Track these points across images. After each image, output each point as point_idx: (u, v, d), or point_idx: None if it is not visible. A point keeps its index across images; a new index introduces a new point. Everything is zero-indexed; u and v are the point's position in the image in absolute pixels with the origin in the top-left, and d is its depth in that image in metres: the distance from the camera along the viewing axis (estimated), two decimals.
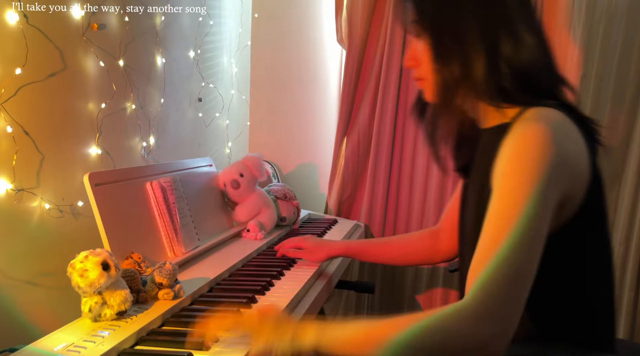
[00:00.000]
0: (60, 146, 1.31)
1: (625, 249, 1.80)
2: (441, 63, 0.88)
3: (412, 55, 0.95)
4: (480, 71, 0.85)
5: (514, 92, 0.86)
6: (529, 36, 0.86)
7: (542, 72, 0.88)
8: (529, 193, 0.77)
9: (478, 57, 0.85)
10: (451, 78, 0.87)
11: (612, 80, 1.78)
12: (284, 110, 2.38)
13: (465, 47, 0.86)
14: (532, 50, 0.86)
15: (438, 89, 0.90)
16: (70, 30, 1.32)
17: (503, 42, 0.86)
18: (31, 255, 1.23)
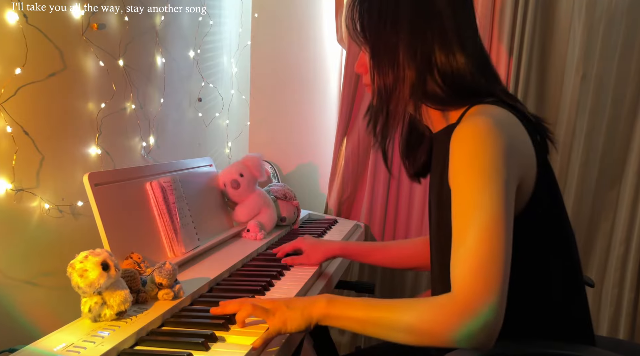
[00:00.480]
0: (60, 146, 1.31)
1: (626, 249, 1.80)
2: (376, 72, 0.95)
3: (361, 62, 1.03)
4: (410, 82, 0.92)
5: (449, 99, 0.93)
6: (460, 53, 0.92)
7: (476, 82, 0.93)
8: (489, 186, 0.79)
9: (409, 69, 0.92)
10: (384, 86, 0.94)
11: (612, 80, 1.78)
12: (284, 110, 2.38)
13: (398, 58, 0.93)
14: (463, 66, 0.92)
15: (374, 95, 0.97)
16: (70, 30, 1.32)
17: (436, 56, 0.92)
18: (31, 255, 1.23)
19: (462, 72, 0.92)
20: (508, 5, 1.80)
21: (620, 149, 1.82)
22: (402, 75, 0.92)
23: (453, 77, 0.92)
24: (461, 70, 0.92)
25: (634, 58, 1.76)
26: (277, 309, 0.91)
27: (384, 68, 0.94)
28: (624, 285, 1.80)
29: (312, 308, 0.89)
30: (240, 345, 0.88)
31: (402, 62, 0.92)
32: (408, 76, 0.92)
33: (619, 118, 1.81)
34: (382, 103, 0.95)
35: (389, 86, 0.94)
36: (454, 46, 0.92)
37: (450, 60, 0.92)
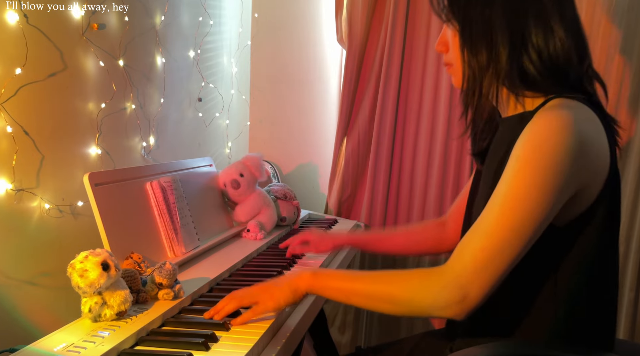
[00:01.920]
0: (60, 146, 1.31)
1: (626, 249, 1.80)
2: (468, 50, 0.89)
3: (442, 40, 0.97)
4: (504, 59, 0.86)
5: (541, 81, 0.87)
6: (560, 29, 0.86)
7: (571, 65, 0.87)
8: (538, 180, 0.77)
9: (504, 46, 0.86)
10: (477, 66, 0.89)
11: (612, 80, 1.78)
12: (284, 110, 2.38)
13: (492, 35, 0.87)
14: (563, 43, 0.86)
15: (465, 76, 0.91)
16: (70, 30, 1.32)
17: (532, 32, 0.86)
18: (31, 255, 1.23)
19: (559, 50, 0.86)
20: None
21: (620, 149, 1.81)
22: (497, 53, 0.86)
23: (550, 54, 0.86)
24: (559, 48, 0.86)
25: (634, 58, 1.75)
26: (265, 289, 0.97)
27: (477, 45, 0.88)
28: (624, 285, 1.80)
29: (299, 280, 0.94)
30: (241, 345, 0.88)
31: (496, 39, 0.86)
32: (502, 54, 0.86)
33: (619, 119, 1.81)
34: (475, 82, 0.89)
35: (483, 64, 0.87)
36: (553, 19, 0.86)
37: (547, 35, 0.86)
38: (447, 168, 1.99)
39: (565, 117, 0.79)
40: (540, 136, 0.79)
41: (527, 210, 0.77)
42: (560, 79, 0.87)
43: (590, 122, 0.83)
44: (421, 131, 2.03)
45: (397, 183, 2.07)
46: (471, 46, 0.89)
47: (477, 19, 0.88)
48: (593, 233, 0.86)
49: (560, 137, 0.77)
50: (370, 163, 2.07)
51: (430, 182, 2.02)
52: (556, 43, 0.86)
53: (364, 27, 2.03)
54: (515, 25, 0.86)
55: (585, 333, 0.89)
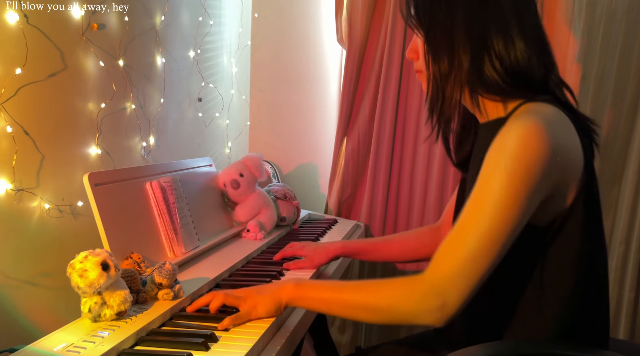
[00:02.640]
0: (60, 146, 1.31)
1: (625, 249, 1.80)
2: (431, 57, 0.92)
3: (412, 48, 1.00)
4: (466, 66, 0.89)
5: (505, 87, 0.90)
6: (520, 40, 0.89)
7: (533, 71, 0.90)
8: (510, 186, 0.79)
9: (465, 53, 0.89)
10: (439, 72, 0.92)
11: (612, 80, 1.78)
12: (284, 110, 2.38)
13: (454, 43, 0.90)
14: (522, 53, 0.89)
15: (429, 82, 0.94)
16: (70, 30, 1.32)
17: (493, 40, 0.89)
18: (31, 255, 1.23)
19: (519, 58, 0.89)
20: None
21: (620, 149, 1.81)
22: (458, 59, 0.90)
23: (511, 62, 0.89)
24: (519, 56, 0.89)
25: (634, 58, 1.75)
26: (249, 296, 0.97)
27: (439, 52, 0.91)
28: (624, 285, 1.80)
29: (281, 291, 0.96)
30: (241, 345, 0.88)
31: (457, 46, 0.89)
32: (464, 60, 0.89)
33: (619, 119, 1.81)
34: (437, 89, 0.93)
35: (445, 71, 0.91)
36: (512, 29, 0.89)
37: (507, 44, 0.88)
38: (447, 168, 1.99)
39: (535, 123, 0.80)
40: (509, 142, 0.81)
41: (499, 216, 0.79)
42: (524, 85, 0.90)
43: (562, 125, 0.85)
44: (421, 131, 2.03)
45: (397, 183, 2.07)
46: (434, 53, 0.92)
47: (440, 27, 0.91)
48: (575, 232, 0.87)
49: (530, 143, 0.79)
50: (370, 163, 2.07)
51: (430, 182, 2.02)
52: (516, 53, 0.89)
53: (364, 27, 2.03)
54: (476, 33, 0.89)
55: (577, 333, 0.89)
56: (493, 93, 0.91)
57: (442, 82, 0.92)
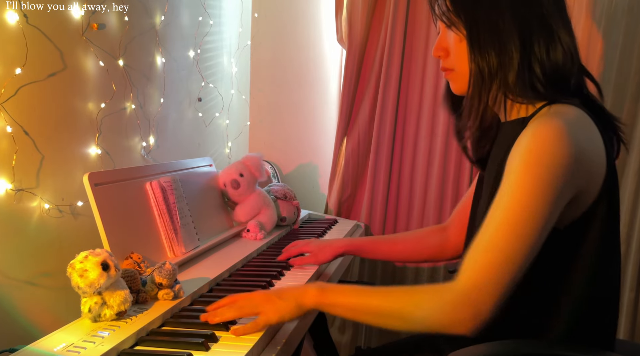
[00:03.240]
0: (60, 146, 1.31)
1: (626, 249, 1.80)
2: (478, 54, 0.88)
3: (441, 45, 0.96)
4: (515, 65, 0.86)
5: (544, 89, 0.87)
6: (563, 35, 0.87)
7: (572, 70, 0.88)
8: (537, 190, 0.78)
9: (514, 51, 0.86)
10: (487, 69, 0.88)
11: (612, 80, 1.78)
12: (284, 110, 2.38)
13: (502, 39, 0.87)
14: (565, 49, 0.87)
15: (473, 79, 0.90)
16: (70, 30, 1.32)
17: (537, 39, 0.87)
18: (31, 255, 1.23)
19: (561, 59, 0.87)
20: None
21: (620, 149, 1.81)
22: (508, 58, 0.86)
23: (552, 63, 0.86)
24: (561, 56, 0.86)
25: (634, 58, 1.75)
26: (268, 301, 0.91)
27: (486, 49, 0.87)
28: (623, 285, 1.80)
29: (305, 296, 0.90)
30: (241, 345, 0.88)
31: (507, 43, 0.86)
32: (514, 59, 0.86)
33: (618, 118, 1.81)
34: (483, 87, 0.89)
35: (493, 68, 0.87)
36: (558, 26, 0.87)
37: (550, 43, 0.86)
38: (447, 168, 1.99)
39: (559, 126, 0.79)
40: (535, 146, 0.80)
41: (528, 220, 0.78)
42: (562, 86, 0.88)
43: (584, 128, 0.84)
44: (421, 131, 2.03)
45: (397, 183, 2.07)
46: (480, 50, 0.88)
47: (485, 22, 0.88)
48: (594, 234, 0.86)
49: (555, 146, 0.78)
50: (370, 163, 2.07)
51: (430, 182, 2.02)
52: (558, 50, 0.87)
53: (364, 27, 2.03)
54: (523, 30, 0.86)
55: (588, 333, 0.89)
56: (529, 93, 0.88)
57: (490, 80, 0.88)
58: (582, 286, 0.88)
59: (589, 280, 0.88)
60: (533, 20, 0.87)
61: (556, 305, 0.88)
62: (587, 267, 0.87)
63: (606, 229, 0.87)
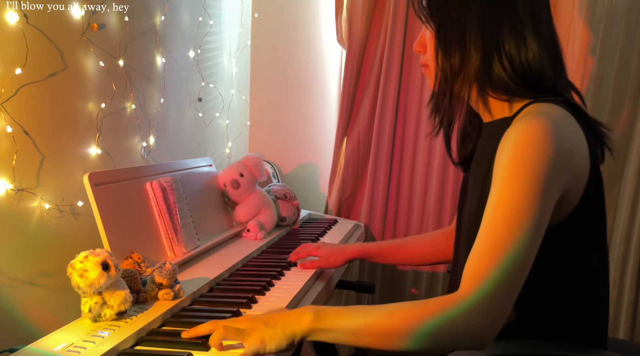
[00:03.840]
0: (60, 146, 1.31)
1: (626, 249, 1.80)
2: (442, 51, 0.90)
3: (420, 41, 0.98)
4: (476, 63, 0.88)
5: (514, 87, 0.88)
6: (533, 41, 0.88)
7: (544, 74, 0.89)
8: (531, 191, 0.77)
9: (476, 51, 0.88)
10: (449, 67, 0.90)
11: (612, 80, 1.78)
12: (284, 110, 2.38)
13: (466, 39, 0.88)
14: (535, 54, 0.88)
15: (437, 78, 0.92)
16: (70, 30, 1.32)
17: (505, 41, 0.87)
18: (31, 255, 1.23)
19: (531, 59, 0.87)
20: None
21: (620, 149, 1.81)
22: (469, 55, 0.88)
23: (521, 62, 0.87)
24: (530, 57, 0.87)
25: (634, 58, 1.75)
26: (254, 329, 0.82)
27: (450, 47, 0.89)
28: (624, 285, 1.80)
29: (296, 324, 0.81)
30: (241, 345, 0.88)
31: (469, 42, 0.88)
32: (475, 57, 0.88)
33: (619, 118, 1.81)
34: (446, 84, 0.91)
35: (456, 66, 0.89)
36: (526, 30, 0.87)
37: (520, 44, 0.87)
38: (447, 168, 1.99)
39: (544, 124, 0.80)
40: (521, 144, 0.79)
41: (524, 217, 0.77)
42: (534, 86, 0.89)
43: (568, 126, 0.84)
44: (421, 131, 2.03)
45: (397, 183, 2.07)
46: (445, 48, 0.90)
47: (453, 22, 0.89)
48: (579, 234, 0.87)
49: (541, 143, 0.78)
50: (370, 163, 2.07)
51: (430, 182, 2.02)
52: (528, 53, 0.88)
53: (364, 27, 2.03)
54: (489, 32, 0.88)
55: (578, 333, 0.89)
56: (501, 92, 0.89)
57: (452, 78, 0.90)
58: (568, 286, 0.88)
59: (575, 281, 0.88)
60: (503, 23, 0.88)
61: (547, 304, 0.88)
62: (574, 268, 0.87)
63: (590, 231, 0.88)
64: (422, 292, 2.08)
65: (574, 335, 0.89)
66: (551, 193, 0.79)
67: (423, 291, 2.08)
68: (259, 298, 1.11)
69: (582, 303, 0.90)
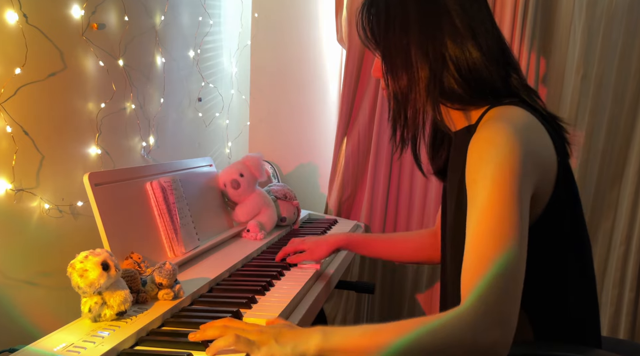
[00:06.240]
0: (60, 146, 1.31)
1: (626, 249, 1.80)
2: (390, 76, 0.95)
3: (377, 66, 1.02)
4: (425, 82, 0.91)
5: (467, 96, 0.91)
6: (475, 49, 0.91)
7: (494, 76, 0.92)
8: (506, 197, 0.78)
9: (422, 68, 0.91)
10: (399, 90, 0.94)
11: (612, 80, 1.78)
12: (284, 110, 2.38)
13: (410, 59, 0.92)
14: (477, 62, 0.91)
15: (389, 100, 0.97)
16: (69, 30, 1.32)
17: (449, 52, 0.91)
18: (31, 255, 1.23)
19: (477, 66, 0.90)
20: (508, 5, 1.80)
21: (620, 149, 1.82)
22: (416, 75, 0.91)
23: (469, 71, 0.90)
24: (477, 64, 0.90)
25: (634, 58, 1.75)
26: (264, 343, 0.80)
27: (397, 70, 0.93)
28: (624, 285, 1.80)
29: (306, 344, 0.79)
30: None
31: (414, 63, 0.91)
32: (422, 76, 0.91)
33: (619, 118, 1.81)
34: (399, 106, 0.95)
35: (404, 88, 0.93)
36: (467, 40, 0.91)
37: (465, 54, 0.90)
38: None
39: (505, 128, 0.82)
40: (487, 153, 0.81)
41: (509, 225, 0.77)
42: (486, 92, 0.92)
43: (530, 126, 0.86)
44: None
45: (397, 184, 2.07)
46: (392, 72, 0.94)
47: (397, 46, 0.93)
48: (556, 229, 0.88)
49: (505, 146, 0.80)
50: (370, 163, 2.07)
51: (430, 182, 2.02)
52: (474, 61, 0.91)
53: None
54: (432, 48, 0.91)
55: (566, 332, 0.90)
56: (455, 103, 0.93)
57: (403, 99, 0.94)
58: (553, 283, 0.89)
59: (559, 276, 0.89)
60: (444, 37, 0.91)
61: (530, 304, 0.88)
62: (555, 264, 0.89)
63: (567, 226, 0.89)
64: (422, 290, 2.08)
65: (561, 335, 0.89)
66: (525, 193, 0.80)
67: (423, 290, 2.08)
68: (259, 298, 1.11)
69: (566, 302, 0.90)
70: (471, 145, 0.85)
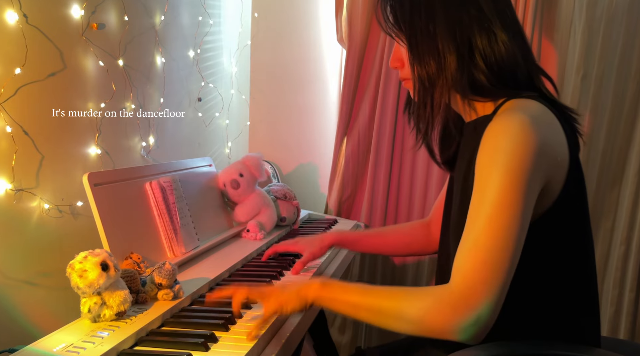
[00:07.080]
0: (59, 146, 1.31)
1: (626, 249, 1.80)
2: (417, 62, 0.92)
3: (396, 56, 1.00)
4: (453, 67, 0.89)
5: (490, 86, 0.90)
6: (502, 33, 0.90)
7: (518, 66, 0.91)
8: (509, 182, 0.79)
9: (450, 55, 0.89)
10: (427, 76, 0.92)
11: (612, 80, 1.78)
12: (284, 110, 2.38)
13: (438, 45, 0.90)
14: (507, 46, 0.90)
15: (416, 87, 0.94)
16: (69, 29, 1.32)
17: (477, 39, 0.89)
18: (30, 255, 1.23)
19: (504, 53, 0.89)
20: None
21: (620, 149, 1.82)
22: (445, 61, 0.89)
23: (496, 59, 0.89)
24: (503, 51, 0.89)
25: (634, 58, 1.75)
26: (273, 292, 0.94)
27: (424, 57, 0.91)
28: (624, 285, 1.80)
29: (307, 289, 0.91)
30: (240, 345, 0.88)
31: (442, 49, 0.89)
32: (451, 61, 0.89)
33: (619, 118, 1.81)
34: (426, 94, 0.92)
35: (433, 75, 0.91)
36: (495, 27, 0.89)
37: (491, 41, 0.89)
38: None
39: (522, 119, 0.81)
40: (502, 140, 0.81)
41: (506, 212, 0.78)
42: (509, 82, 0.91)
43: (546, 119, 0.86)
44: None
45: (397, 183, 2.07)
46: (420, 59, 0.92)
47: (423, 32, 0.91)
48: (562, 226, 0.88)
49: (520, 138, 0.80)
50: (370, 163, 2.07)
51: (431, 181, 2.02)
52: (500, 47, 0.89)
53: (364, 27, 2.03)
54: (459, 33, 0.89)
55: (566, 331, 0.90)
56: (479, 91, 0.91)
57: (431, 87, 0.92)
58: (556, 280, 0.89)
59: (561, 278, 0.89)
60: (471, 22, 0.90)
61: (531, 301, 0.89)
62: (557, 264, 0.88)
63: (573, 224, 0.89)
64: None
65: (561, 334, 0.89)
66: (532, 188, 0.80)
67: None
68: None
69: (568, 300, 0.90)
70: (486, 132, 0.84)
